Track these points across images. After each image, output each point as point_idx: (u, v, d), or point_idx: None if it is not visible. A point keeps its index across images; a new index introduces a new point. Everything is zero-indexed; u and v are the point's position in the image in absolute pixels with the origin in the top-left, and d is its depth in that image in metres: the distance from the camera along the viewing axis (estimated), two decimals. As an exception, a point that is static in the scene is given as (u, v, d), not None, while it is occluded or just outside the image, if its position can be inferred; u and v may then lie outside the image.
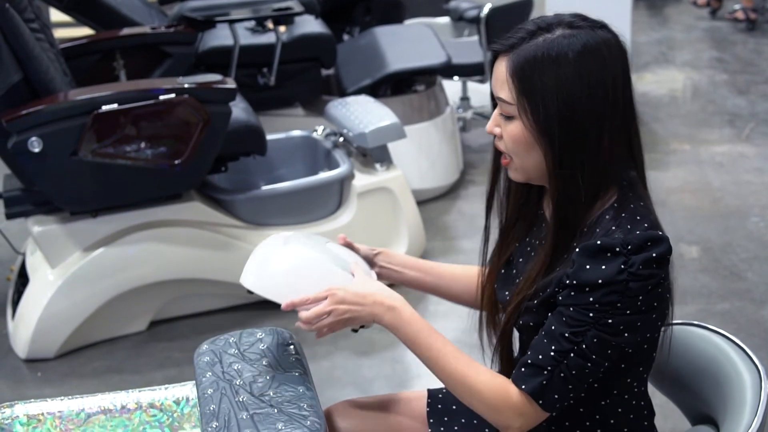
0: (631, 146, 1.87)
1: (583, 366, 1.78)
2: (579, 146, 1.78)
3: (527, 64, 1.77)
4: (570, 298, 1.77)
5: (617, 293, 1.74)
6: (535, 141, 1.80)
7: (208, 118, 3.88)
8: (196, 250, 4.13)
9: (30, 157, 3.71)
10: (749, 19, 8.76)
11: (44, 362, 4.04)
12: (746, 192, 5.34)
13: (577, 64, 1.76)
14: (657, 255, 1.75)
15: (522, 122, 1.80)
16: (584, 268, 1.75)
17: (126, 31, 4.90)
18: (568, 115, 1.76)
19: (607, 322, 1.75)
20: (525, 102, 1.78)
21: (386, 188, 4.52)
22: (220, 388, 1.96)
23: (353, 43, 5.97)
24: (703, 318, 2.56)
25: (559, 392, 1.80)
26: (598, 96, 1.77)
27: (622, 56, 1.82)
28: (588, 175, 1.80)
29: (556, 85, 1.75)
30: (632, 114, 1.86)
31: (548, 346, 1.79)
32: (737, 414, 1.88)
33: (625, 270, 1.73)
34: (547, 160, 1.80)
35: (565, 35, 1.78)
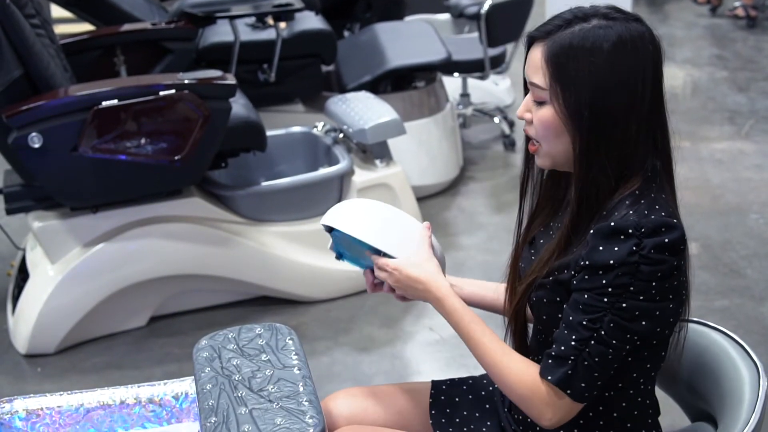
0: (656, 138, 1.91)
1: (605, 352, 1.80)
2: (606, 134, 1.82)
3: (562, 51, 1.82)
4: (584, 282, 1.81)
5: (629, 275, 1.76)
6: (565, 127, 1.84)
7: (208, 114, 3.88)
8: (196, 246, 4.13)
9: (30, 152, 3.71)
10: (749, 16, 8.76)
11: (44, 357, 4.04)
12: (746, 189, 5.34)
13: (610, 55, 1.80)
14: (669, 241, 1.77)
15: (553, 108, 1.84)
16: (597, 250, 1.79)
17: (126, 27, 4.89)
18: (598, 104, 1.81)
19: (621, 306, 1.78)
20: (558, 88, 1.83)
21: (386, 184, 4.53)
22: (219, 384, 1.96)
23: (353, 39, 5.97)
24: (702, 315, 2.56)
25: (585, 381, 1.83)
26: (628, 87, 1.81)
27: (655, 50, 1.86)
28: (613, 163, 1.84)
29: (589, 74, 1.80)
30: (660, 107, 1.91)
31: (569, 336, 1.82)
32: (735, 410, 1.89)
33: (637, 252, 1.76)
34: (575, 146, 1.84)
35: (601, 26, 1.82)
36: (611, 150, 1.83)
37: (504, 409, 2.19)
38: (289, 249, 4.29)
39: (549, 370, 1.85)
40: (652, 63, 1.85)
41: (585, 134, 1.83)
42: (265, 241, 4.27)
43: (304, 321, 4.22)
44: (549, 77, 1.83)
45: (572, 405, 1.86)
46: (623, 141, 1.83)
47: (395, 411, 2.24)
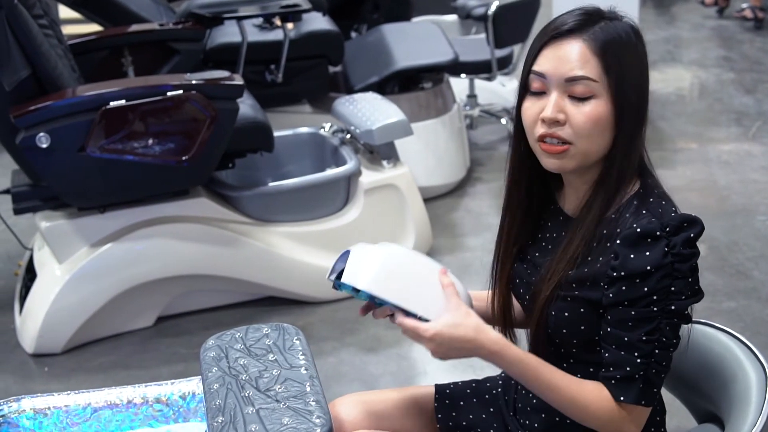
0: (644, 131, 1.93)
1: (668, 354, 1.83)
2: (640, 125, 1.88)
3: (609, 43, 1.83)
4: (623, 294, 1.80)
5: (668, 277, 1.78)
6: (614, 120, 1.84)
7: (215, 114, 3.88)
8: (203, 246, 4.14)
9: (38, 152, 3.72)
10: (757, 17, 8.75)
11: (51, 357, 4.05)
12: (753, 190, 5.34)
13: (639, 47, 1.87)
14: (694, 235, 1.80)
15: (604, 100, 1.83)
16: (629, 258, 1.79)
17: (134, 28, 4.90)
18: (640, 94, 1.86)
19: (670, 309, 1.79)
20: (612, 79, 1.83)
21: (393, 185, 4.53)
22: (226, 383, 1.96)
23: (361, 40, 5.97)
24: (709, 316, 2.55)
25: (656, 386, 1.85)
26: (647, 79, 1.89)
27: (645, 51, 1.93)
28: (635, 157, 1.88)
29: (632, 65, 1.85)
30: None
31: (630, 355, 1.82)
32: (742, 412, 1.89)
33: (669, 252, 1.77)
34: (618, 139, 1.86)
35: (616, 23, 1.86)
36: (637, 142, 1.88)
37: (510, 413, 2.19)
38: (296, 249, 4.29)
39: (622, 391, 1.84)
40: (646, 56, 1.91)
41: (628, 126, 1.85)
42: (272, 242, 4.27)
43: (310, 321, 4.22)
44: (601, 69, 1.82)
45: (647, 410, 1.87)
46: (643, 133, 1.89)
47: (401, 416, 2.24)
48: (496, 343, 1.87)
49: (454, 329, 1.87)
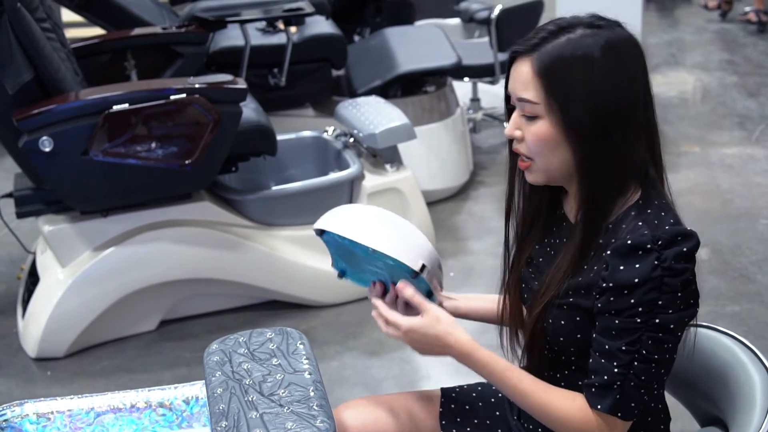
0: (652, 144, 1.88)
1: (649, 368, 1.80)
2: (607, 143, 1.81)
3: (554, 63, 1.80)
4: (611, 304, 1.79)
5: (656, 290, 1.75)
6: (563, 139, 1.82)
7: (218, 118, 3.88)
8: (206, 249, 4.13)
9: (41, 156, 3.72)
10: (761, 21, 8.75)
11: (54, 361, 4.05)
12: (756, 194, 5.33)
13: (602, 62, 1.79)
14: (688, 249, 1.77)
15: (549, 121, 1.82)
16: (618, 270, 1.77)
17: (137, 31, 4.90)
18: (596, 113, 1.79)
19: (654, 322, 1.77)
20: (553, 101, 1.81)
21: (396, 189, 4.53)
22: (230, 388, 1.96)
23: (364, 43, 5.97)
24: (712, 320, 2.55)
25: (634, 400, 1.82)
26: (623, 93, 1.81)
27: (641, 54, 1.87)
28: (613, 172, 1.83)
29: (584, 84, 1.79)
30: (652, 111, 1.88)
31: (609, 364, 1.81)
32: (747, 416, 1.88)
33: (659, 266, 1.75)
34: (576, 157, 1.83)
35: (587, 34, 1.81)
36: (612, 158, 1.82)
37: (513, 417, 2.18)
38: (299, 253, 4.29)
39: (597, 399, 1.83)
40: (641, 66, 1.86)
41: (586, 145, 1.81)
42: (275, 246, 4.27)
43: (313, 325, 4.22)
44: (542, 91, 1.81)
45: (625, 424, 1.85)
46: (622, 148, 1.82)
47: (406, 420, 2.23)
48: (463, 346, 1.91)
49: (427, 328, 1.93)
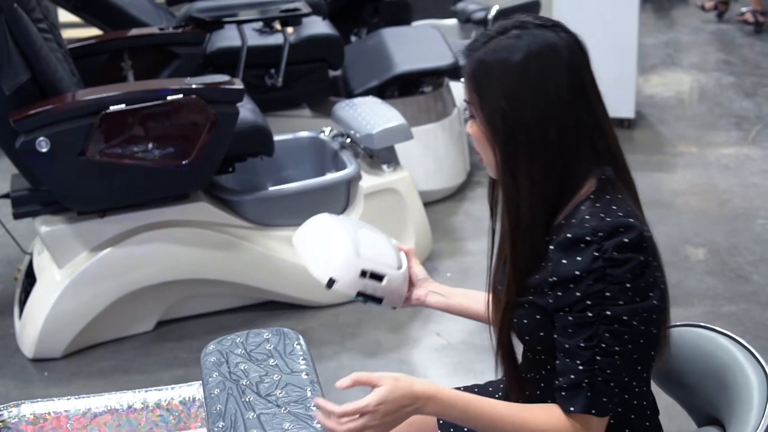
0: (594, 142, 1.89)
1: (613, 362, 1.80)
2: (524, 142, 1.85)
3: (478, 65, 1.88)
4: (559, 299, 1.81)
5: (600, 281, 1.76)
6: (487, 138, 1.89)
7: (215, 118, 3.88)
8: (203, 250, 4.13)
9: (38, 156, 3.72)
10: (757, 21, 8.75)
11: (51, 362, 4.04)
12: (753, 194, 5.34)
13: (519, 65, 1.84)
14: (629, 240, 1.77)
15: (479, 121, 1.90)
16: (561, 263, 1.80)
17: (134, 32, 4.90)
18: (511, 113, 1.84)
19: (606, 314, 1.77)
20: (477, 101, 1.88)
21: (393, 189, 4.53)
22: (227, 389, 1.96)
23: (361, 44, 5.97)
24: (709, 320, 2.55)
25: (606, 396, 1.82)
26: (540, 94, 1.84)
27: (572, 55, 1.89)
28: (538, 170, 1.85)
29: (501, 85, 1.84)
30: (589, 111, 1.90)
31: (573, 363, 1.81)
32: (744, 416, 1.88)
33: (600, 257, 1.76)
34: (497, 156, 1.88)
35: (512, 36, 1.86)
36: (533, 157, 1.85)
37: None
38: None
39: (569, 401, 1.83)
40: (567, 68, 1.87)
41: (502, 143, 1.86)
42: (273, 246, 4.27)
43: (311, 326, 4.21)
44: (472, 92, 1.89)
45: (602, 421, 1.85)
46: (544, 148, 1.84)
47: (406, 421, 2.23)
48: (430, 388, 1.86)
49: (394, 391, 1.81)
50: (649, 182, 5.53)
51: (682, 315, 4.09)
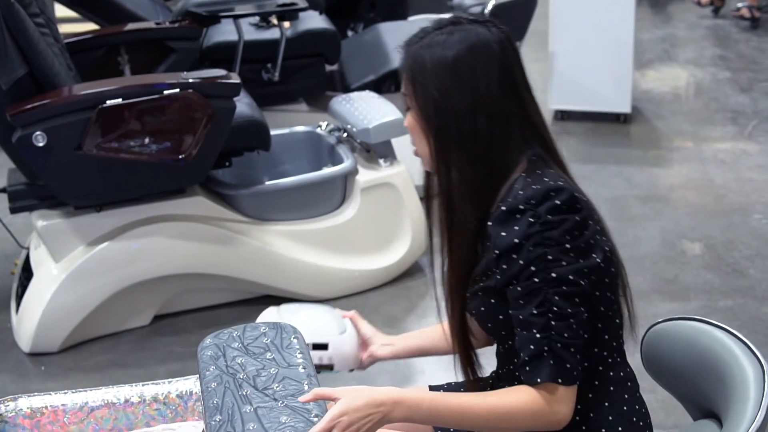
0: (523, 131, 1.97)
1: (569, 325, 1.84)
2: (454, 132, 1.94)
3: (413, 59, 1.97)
4: (505, 272, 1.86)
5: (540, 245, 1.83)
6: (421, 129, 1.98)
7: (212, 113, 3.88)
8: (200, 244, 4.13)
9: (34, 151, 3.72)
10: (753, 17, 8.75)
11: (48, 356, 4.05)
12: (749, 189, 5.34)
13: (451, 57, 1.93)
14: (561, 202, 1.85)
15: (413, 112, 1.99)
16: (501, 236, 1.86)
17: (131, 27, 4.89)
18: (442, 104, 1.93)
19: (552, 277, 1.82)
20: (412, 93, 1.97)
21: (390, 184, 4.52)
22: (224, 382, 1.96)
23: (357, 39, 5.96)
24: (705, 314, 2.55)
25: (569, 362, 1.84)
26: (470, 87, 1.93)
27: (503, 50, 1.97)
28: (468, 159, 1.94)
29: (433, 78, 1.93)
30: (518, 103, 1.97)
31: (530, 333, 1.84)
32: (741, 408, 1.89)
33: (536, 222, 1.83)
34: (429, 144, 1.97)
35: (445, 32, 1.96)
36: (463, 147, 1.93)
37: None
38: (293, 248, 4.29)
39: (533, 373, 1.85)
40: (498, 63, 1.95)
41: (435, 132, 1.95)
42: (269, 240, 4.27)
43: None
44: (407, 84, 1.98)
45: (570, 389, 1.86)
46: (474, 137, 1.93)
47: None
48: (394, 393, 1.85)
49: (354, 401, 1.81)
50: (646, 177, 5.53)
51: (678, 309, 4.10)
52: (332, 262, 4.31)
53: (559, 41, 6.28)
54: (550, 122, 6.51)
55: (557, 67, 6.33)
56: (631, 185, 5.45)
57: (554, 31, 6.29)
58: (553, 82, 6.39)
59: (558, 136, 6.47)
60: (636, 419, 2.00)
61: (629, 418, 1.99)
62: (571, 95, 6.39)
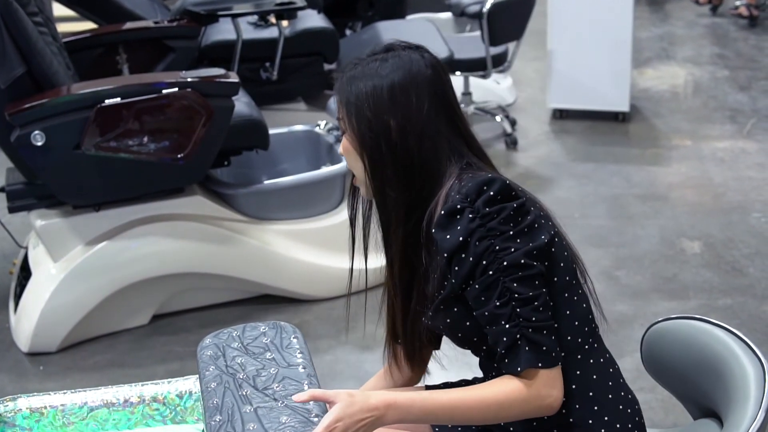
0: (453, 146, 2.02)
1: (535, 309, 1.87)
2: (387, 151, 1.99)
3: (348, 83, 2.03)
4: (459, 274, 1.90)
5: (484, 239, 1.87)
6: (356, 151, 2.02)
7: (211, 112, 3.88)
8: (198, 244, 4.13)
9: (33, 150, 3.72)
10: (752, 15, 8.75)
11: (46, 356, 4.04)
12: (748, 187, 5.34)
13: (385, 81, 1.99)
14: (495, 192, 1.90)
15: (348, 135, 2.03)
16: (446, 239, 1.90)
17: (129, 25, 4.89)
18: (375, 124, 1.98)
19: (504, 265, 1.86)
20: (346, 116, 2.02)
21: (388, 183, 4.51)
22: (224, 382, 1.96)
23: (356, 37, 5.96)
24: (705, 313, 2.56)
25: (543, 343, 1.86)
26: (401, 108, 1.98)
27: (435, 74, 2.05)
28: (400, 175, 1.99)
29: (368, 100, 1.99)
30: (445, 122, 2.03)
31: (499, 326, 1.87)
32: (741, 407, 1.89)
33: (476, 217, 1.88)
34: (365, 166, 2.01)
35: (379, 59, 2.03)
36: (396, 166, 1.98)
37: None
38: (292, 247, 4.29)
39: (513, 363, 1.87)
40: (429, 86, 2.01)
41: (368, 153, 2.00)
42: (268, 240, 4.27)
43: (306, 319, 4.21)
44: (342, 107, 2.03)
45: (553, 372, 1.88)
46: (406, 156, 1.98)
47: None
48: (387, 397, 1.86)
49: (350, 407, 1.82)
50: (644, 176, 5.53)
51: (677, 308, 4.10)
52: (331, 262, 4.31)
53: (558, 40, 6.28)
54: (549, 121, 6.51)
55: (555, 66, 6.33)
56: (630, 184, 5.45)
57: (553, 29, 6.29)
58: (552, 81, 6.39)
59: (556, 135, 6.51)
60: (622, 407, 2.01)
61: (615, 407, 2.00)
62: (570, 94, 6.38)
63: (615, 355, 2.06)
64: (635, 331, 3.87)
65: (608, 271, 4.47)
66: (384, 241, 2.10)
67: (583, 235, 4.83)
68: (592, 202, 5.24)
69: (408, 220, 2.01)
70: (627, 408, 2.01)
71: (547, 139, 6.28)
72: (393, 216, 2.02)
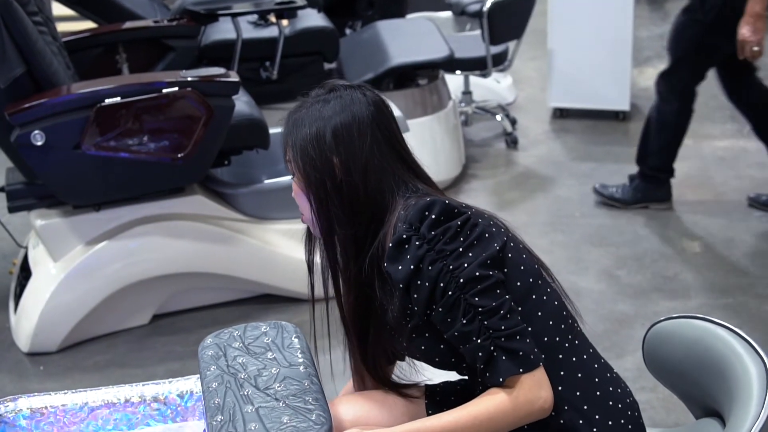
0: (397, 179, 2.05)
1: (501, 317, 1.88)
2: (332, 188, 2.01)
3: (292, 125, 2.07)
4: (419, 301, 1.92)
5: (436, 261, 1.89)
6: (302, 190, 2.05)
7: (211, 111, 3.87)
8: (198, 243, 4.13)
9: (33, 150, 3.71)
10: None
11: (46, 356, 4.04)
12: (748, 187, 5.33)
13: (328, 120, 2.03)
14: (437, 214, 1.92)
15: (296, 175, 2.06)
16: (398, 270, 1.92)
17: (129, 25, 4.89)
18: (319, 161, 2.01)
19: (461, 283, 1.88)
20: (291, 158, 2.05)
21: (389, 182, 4.51)
22: (225, 382, 1.96)
23: (356, 37, 5.96)
24: (705, 312, 2.55)
25: (519, 349, 1.88)
26: (344, 145, 2.01)
27: (378, 111, 2.07)
28: (346, 210, 2.01)
29: (311, 142, 2.02)
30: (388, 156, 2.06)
31: (472, 343, 1.89)
32: (744, 406, 1.88)
33: (423, 243, 1.90)
34: (311, 203, 2.04)
35: (321, 99, 2.09)
36: (342, 202, 2.01)
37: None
38: (292, 247, 4.28)
39: (494, 375, 1.89)
40: (371, 122, 2.04)
41: (315, 192, 2.02)
42: (268, 239, 4.26)
43: (306, 319, 4.18)
44: (288, 148, 2.06)
45: (536, 374, 1.90)
46: (351, 192, 2.01)
47: (399, 414, 2.25)
48: None
49: None
50: (645, 175, 5.53)
51: (678, 307, 4.10)
52: (331, 261, 4.30)
53: (558, 39, 6.28)
54: (549, 120, 6.51)
55: (556, 65, 6.33)
56: (631, 183, 5.44)
57: (553, 28, 6.29)
58: (552, 80, 6.39)
59: (556, 134, 6.50)
60: (612, 403, 2.01)
61: (605, 403, 2.00)
62: (570, 93, 6.39)
63: (616, 355, 2.06)
64: (636, 330, 3.86)
65: (609, 270, 4.46)
66: (333, 279, 2.14)
67: (583, 235, 4.83)
68: (593, 202, 5.23)
69: (359, 255, 2.02)
70: (618, 403, 2.01)
71: (548, 138, 6.28)
72: (344, 252, 2.04)
